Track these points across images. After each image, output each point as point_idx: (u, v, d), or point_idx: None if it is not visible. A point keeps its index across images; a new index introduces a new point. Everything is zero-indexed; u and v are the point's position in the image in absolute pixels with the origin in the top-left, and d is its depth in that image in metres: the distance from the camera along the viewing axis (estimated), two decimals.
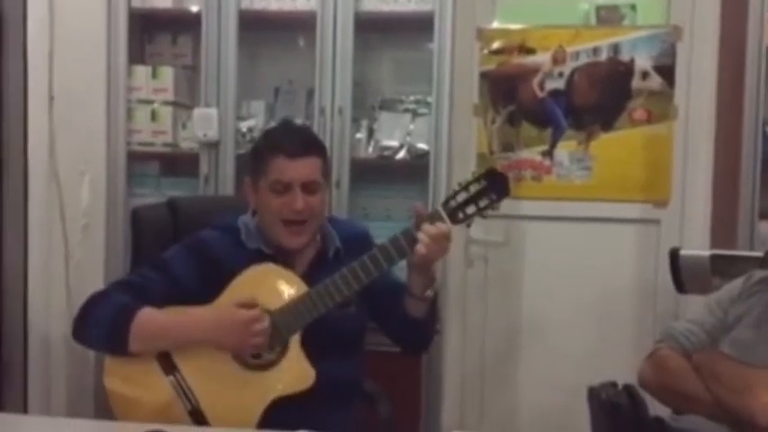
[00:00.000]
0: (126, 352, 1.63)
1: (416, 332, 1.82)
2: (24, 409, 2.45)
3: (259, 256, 1.74)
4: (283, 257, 1.75)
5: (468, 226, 1.72)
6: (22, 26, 2.38)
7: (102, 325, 1.65)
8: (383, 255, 1.66)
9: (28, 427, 1.54)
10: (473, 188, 1.66)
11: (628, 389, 1.43)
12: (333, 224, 1.85)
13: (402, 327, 1.79)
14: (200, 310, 1.66)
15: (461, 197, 1.66)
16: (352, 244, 1.80)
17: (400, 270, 1.77)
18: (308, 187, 1.71)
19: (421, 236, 1.63)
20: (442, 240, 1.65)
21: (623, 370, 2.41)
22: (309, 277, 1.71)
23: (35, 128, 2.40)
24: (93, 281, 2.55)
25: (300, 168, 1.71)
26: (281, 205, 1.71)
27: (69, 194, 2.49)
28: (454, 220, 1.66)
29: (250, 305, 1.63)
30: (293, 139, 1.74)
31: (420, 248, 1.63)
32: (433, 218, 1.66)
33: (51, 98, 2.43)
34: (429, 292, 1.73)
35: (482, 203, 1.66)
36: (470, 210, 1.66)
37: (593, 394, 1.44)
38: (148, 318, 1.63)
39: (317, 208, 1.74)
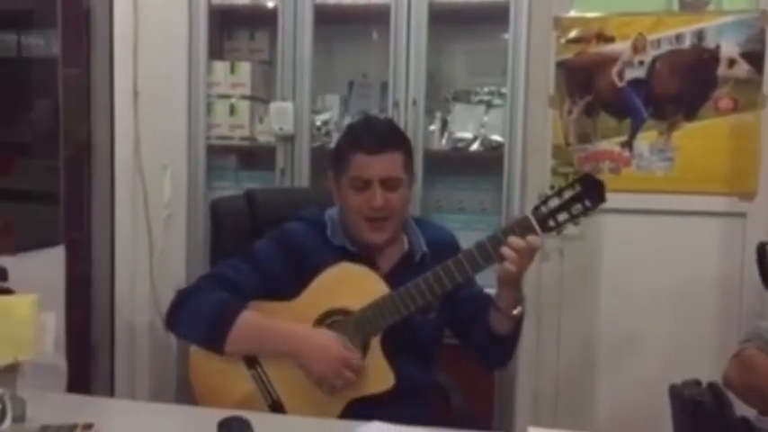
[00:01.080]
0: (220, 352, 1.64)
1: (497, 348, 1.76)
2: (111, 390, 2.57)
3: (344, 254, 1.73)
4: (368, 256, 1.74)
5: (559, 234, 1.63)
6: (108, 26, 2.49)
7: (201, 323, 1.65)
8: (468, 260, 1.61)
9: (114, 410, 1.60)
10: (567, 194, 1.58)
11: (712, 387, 1.37)
12: (420, 227, 1.82)
13: (483, 341, 1.74)
14: (303, 328, 1.66)
15: (553, 203, 1.58)
16: (438, 249, 1.77)
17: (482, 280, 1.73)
18: (388, 183, 1.69)
19: (506, 251, 1.57)
20: (531, 253, 1.58)
21: (706, 369, 2.33)
22: (393, 278, 1.69)
23: (121, 123, 2.52)
24: (176, 270, 2.65)
25: (379, 165, 1.68)
26: (361, 202, 1.69)
27: (152, 187, 2.60)
28: (545, 227, 1.59)
29: (351, 349, 1.62)
30: (372, 135, 1.71)
31: (508, 266, 1.57)
32: (523, 226, 1.59)
33: (136, 94, 2.53)
34: (516, 310, 1.67)
35: (575, 210, 1.58)
36: (562, 217, 1.59)
37: (676, 392, 1.38)
38: (248, 323, 1.64)
39: (398, 204, 1.71)
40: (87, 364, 2.54)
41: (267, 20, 2.73)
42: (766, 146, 2.41)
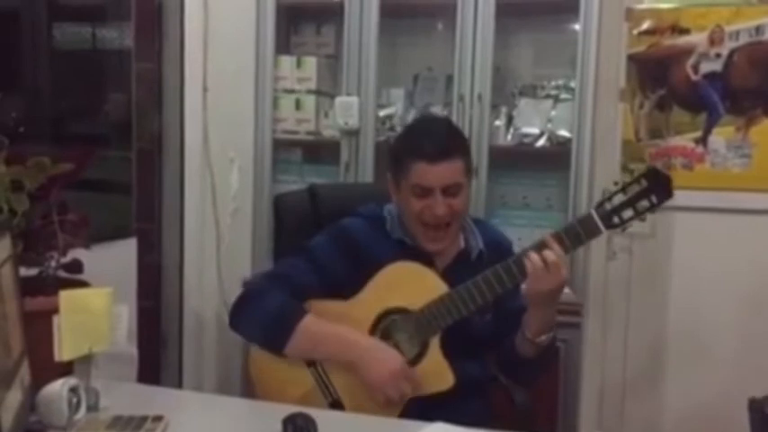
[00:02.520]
0: (281, 352, 1.66)
1: (518, 369, 1.74)
2: (179, 378, 2.63)
3: (402, 248, 1.73)
4: (426, 251, 1.73)
5: (624, 230, 1.60)
6: (179, 21, 2.54)
7: (263, 327, 1.67)
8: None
9: (183, 401, 1.65)
10: (632, 189, 1.56)
11: None
12: (478, 226, 1.81)
13: (506, 357, 1.73)
14: (363, 335, 1.67)
15: (618, 199, 1.55)
16: (495, 250, 1.76)
17: None
18: (450, 190, 1.67)
19: (529, 266, 1.56)
20: (553, 270, 1.54)
21: None
22: (450, 275, 1.69)
23: (191, 117, 2.57)
24: (242, 262, 2.70)
25: (441, 173, 1.66)
26: (422, 209, 1.68)
27: (220, 180, 2.64)
28: (609, 224, 1.56)
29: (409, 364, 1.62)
30: (433, 142, 1.68)
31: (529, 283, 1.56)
32: (585, 224, 1.57)
33: (205, 89, 2.58)
34: (542, 338, 1.64)
35: (641, 207, 1.55)
36: (627, 214, 1.56)
37: (756, 407, 1.32)
38: (311, 326, 1.65)
39: (459, 208, 1.69)
40: (157, 353, 2.61)
41: (333, 14, 2.74)
42: None
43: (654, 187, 1.56)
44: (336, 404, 1.67)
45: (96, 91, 2.55)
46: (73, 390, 1.36)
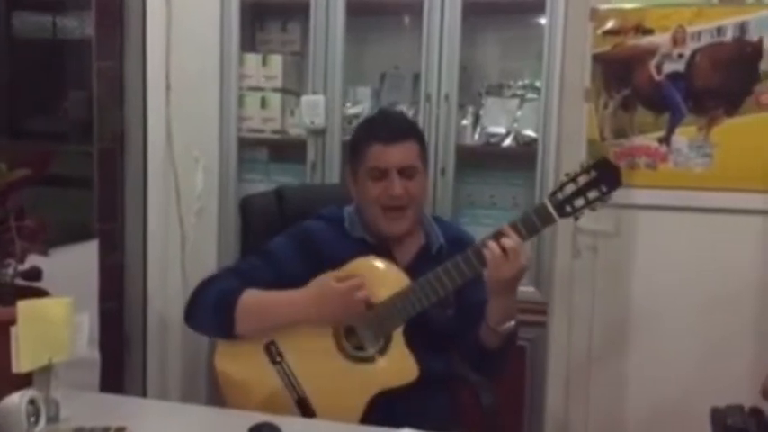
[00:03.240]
0: (233, 334, 1.67)
1: (483, 360, 1.76)
2: (143, 380, 2.60)
3: (362, 246, 1.75)
4: (386, 249, 1.75)
5: (577, 219, 1.67)
6: (141, 17, 2.50)
7: (210, 307, 1.69)
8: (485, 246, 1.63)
9: (146, 410, 1.62)
10: (582, 180, 1.61)
11: (756, 413, 1.32)
12: (438, 223, 1.84)
13: (470, 348, 1.74)
14: (300, 289, 1.68)
15: (569, 189, 1.61)
16: (456, 244, 1.78)
17: None
18: (406, 172, 1.72)
19: (487, 254, 1.58)
20: (512, 257, 1.57)
21: (740, 372, 2.31)
22: (412, 271, 1.71)
23: (154, 116, 2.53)
24: (207, 262, 2.67)
25: (396, 153, 1.72)
26: (380, 191, 1.72)
27: (185, 180, 2.61)
28: (562, 213, 1.62)
29: (344, 277, 1.64)
30: (388, 126, 1.78)
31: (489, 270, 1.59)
32: (540, 213, 1.62)
33: (168, 87, 2.54)
34: (505, 327, 1.66)
35: (591, 196, 1.61)
36: (579, 202, 1.61)
37: (718, 417, 1.33)
38: (253, 298, 1.67)
39: (416, 192, 1.74)
40: (120, 355, 2.58)
41: (299, 11, 2.71)
42: None
43: (603, 177, 1.61)
44: (302, 400, 1.68)
45: (56, 84, 2.49)
46: (32, 402, 1.33)
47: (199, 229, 2.66)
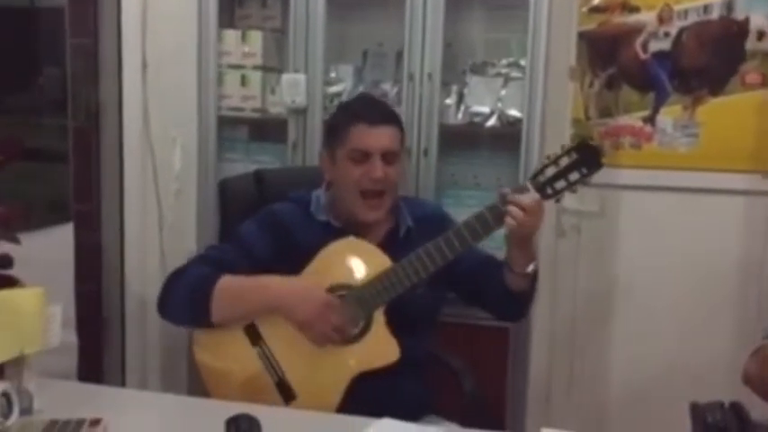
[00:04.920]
0: (209, 322, 1.65)
1: (516, 305, 1.80)
2: (122, 365, 2.57)
3: (328, 229, 1.74)
4: (354, 232, 1.74)
5: (558, 201, 1.67)
6: None
7: (184, 296, 1.67)
8: (468, 230, 1.64)
9: (122, 401, 1.59)
10: (563, 162, 1.61)
11: (735, 408, 1.31)
12: (405, 203, 1.83)
13: (501, 299, 1.77)
14: (281, 278, 1.67)
15: (550, 171, 1.61)
16: (424, 224, 1.78)
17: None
18: (387, 157, 1.71)
19: (510, 207, 1.59)
20: (534, 211, 1.60)
21: (721, 351, 2.32)
22: None
23: (129, 95, 2.47)
24: (186, 244, 2.62)
25: (380, 137, 1.71)
26: (361, 175, 1.70)
27: (162, 160, 2.56)
28: (543, 195, 1.62)
29: (336, 289, 1.63)
30: (373, 108, 1.77)
31: (509, 220, 1.59)
32: (521, 192, 1.62)
33: (145, 65, 2.47)
34: (530, 268, 1.69)
35: (572, 178, 1.61)
36: (560, 185, 1.62)
37: (698, 414, 1.32)
38: (228, 284, 1.65)
39: (394, 179, 1.73)
40: (99, 336, 2.54)
41: None
42: None
43: (584, 159, 1.61)
44: (283, 382, 1.67)
45: (32, 58, 2.42)
46: (4, 394, 1.29)
47: (177, 209, 2.61)
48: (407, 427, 1.37)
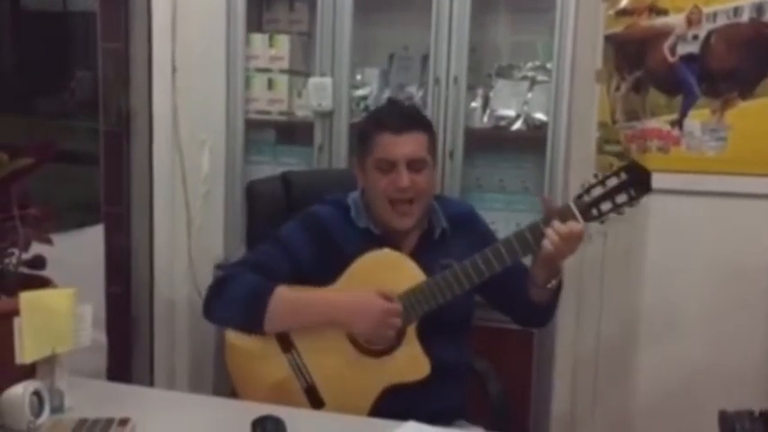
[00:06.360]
0: (261, 330, 1.65)
1: (538, 315, 1.81)
2: (151, 365, 2.60)
3: (368, 236, 1.73)
4: (391, 238, 1.73)
5: (602, 223, 1.62)
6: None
7: (238, 305, 1.66)
8: (507, 249, 1.61)
9: (151, 401, 1.61)
10: (611, 182, 1.56)
11: (766, 417, 1.29)
12: (438, 203, 1.82)
13: (523, 309, 1.77)
14: (336, 292, 1.67)
15: (597, 192, 1.56)
16: (458, 224, 1.78)
17: None
18: (414, 165, 1.68)
19: (549, 232, 1.56)
20: (573, 241, 1.57)
21: (751, 358, 2.29)
22: (416, 258, 1.69)
23: (159, 98, 2.50)
24: (214, 246, 2.66)
25: (405, 145, 1.68)
26: (387, 184, 1.69)
27: (191, 162, 2.59)
28: (587, 217, 1.57)
29: (389, 297, 1.62)
30: (397, 115, 1.73)
31: (547, 245, 1.56)
32: (565, 215, 1.56)
33: (174, 69, 2.51)
34: (552, 283, 1.67)
35: (619, 200, 1.56)
36: (606, 206, 1.57)
37: (726, 422, 1.30)
38: (284, 297, 1.64)
39: (424, 186, 1.70)
40: (128, 337, 2.58)
41: None
42: None
43: (633, 181, 1.56)
44: (311, 389, 1.67)
45: (64, 61, 2.47)
46: (36, 393, 1.32)
47: (205, 212, 2.64)
48: (431, 430, 1.37)
